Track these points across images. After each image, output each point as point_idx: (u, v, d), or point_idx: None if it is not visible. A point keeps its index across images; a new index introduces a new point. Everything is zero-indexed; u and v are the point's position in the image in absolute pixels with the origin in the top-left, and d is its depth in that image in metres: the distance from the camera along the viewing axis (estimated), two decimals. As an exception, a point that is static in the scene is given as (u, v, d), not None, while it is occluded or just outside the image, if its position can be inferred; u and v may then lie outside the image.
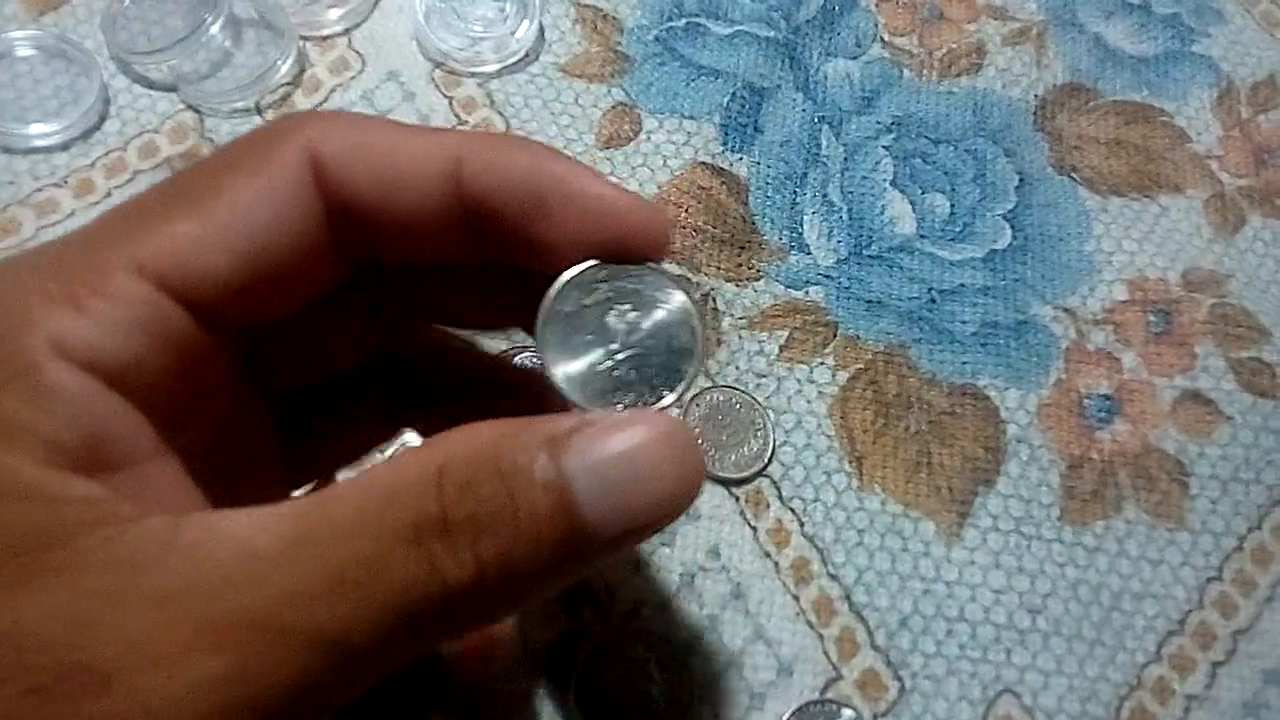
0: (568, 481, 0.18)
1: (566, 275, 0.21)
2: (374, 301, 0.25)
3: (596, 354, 0.21)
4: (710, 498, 0.36)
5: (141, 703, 0.15)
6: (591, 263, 0.21)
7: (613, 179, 0.39)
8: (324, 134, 0.21)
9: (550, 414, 0.19)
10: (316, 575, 0.17)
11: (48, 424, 0.17)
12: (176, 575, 0.16)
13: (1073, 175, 0.42)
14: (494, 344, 0.36)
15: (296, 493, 0.27)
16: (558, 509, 0.18)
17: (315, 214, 0.21)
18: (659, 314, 0.21)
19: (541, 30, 0.43)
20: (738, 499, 0.36)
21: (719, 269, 0.39)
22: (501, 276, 0.24)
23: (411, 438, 0.31)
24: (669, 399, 0.21)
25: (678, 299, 0.22)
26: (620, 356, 0.21)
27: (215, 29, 0.41)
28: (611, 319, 0.21)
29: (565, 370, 0.21)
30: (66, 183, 0.39)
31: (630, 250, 0.22)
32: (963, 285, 0.39)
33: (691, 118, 0.42)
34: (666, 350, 0.21)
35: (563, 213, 0.21)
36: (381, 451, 0.31)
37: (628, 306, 0.21)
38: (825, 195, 0.41)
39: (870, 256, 0.40)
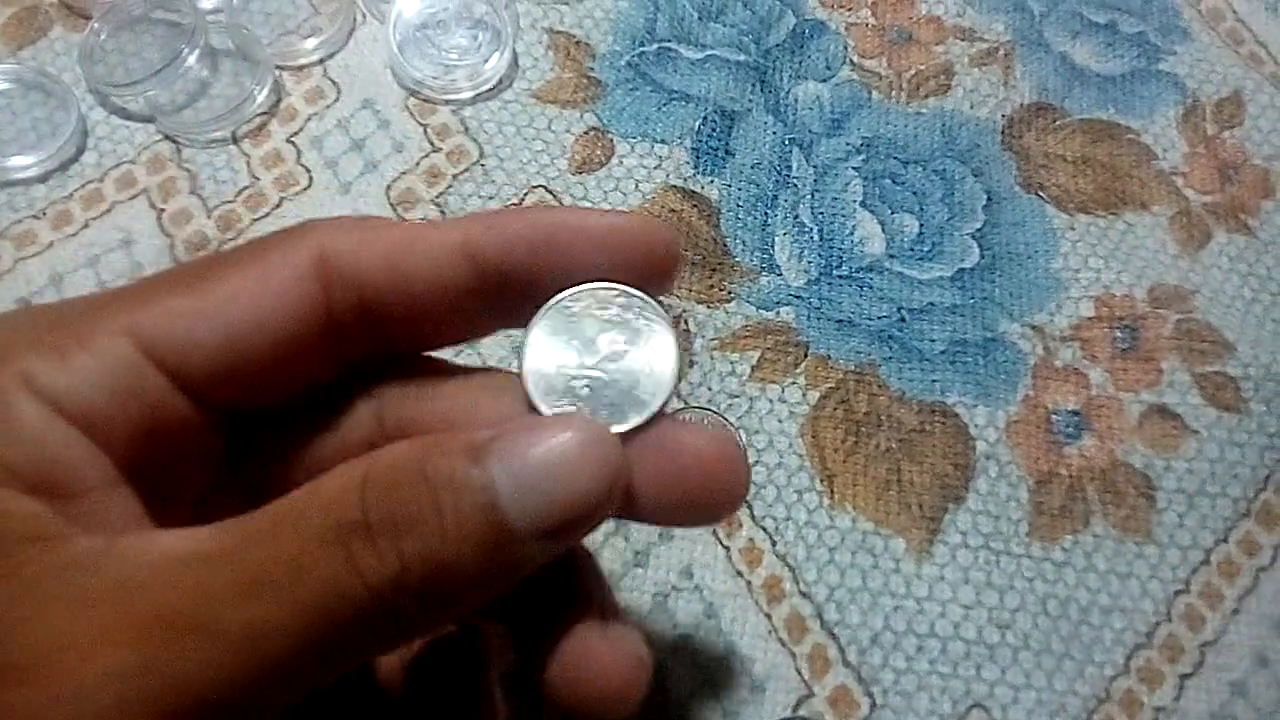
0: (490, 481, 0.18)
1: (585, 286, 0.22)
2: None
3: (571, 361, 0.21)
4: (683, 518, 0.36)
5: (55, 692, 0.16)
6: (614, 286, 0.22)
7: (584, 203, 0.40)
8: (335, 234, 0.22)
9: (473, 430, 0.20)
10: (234, 575, 0.17)
11: (3, 447, 0.19)
12: (103, 580, 0.17)
13: (1040, 194, 0.43)
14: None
15: None
16: (481, 508, 0.18)
17: (313, 307, 0.21)
18: (642, 356, 0.22)
19: (515, 57, 0.44)
20: (710, 519, 0.36)
21: (690, 291, 0.40)
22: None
23: None
24: (618, 430, 0.21)
25: (669, 356, 0.22)
26: (591, 372, 0.21)
27: (192, 60, 0.42)
28: (602, 339, 0.22)
29: (535, 364, 0.21)
30: (44, 214, 0.39)
31: (646, 266, 0.22)
32: (932, 304, 0.40)
33: (663, 142, 0.43)
34: (631, 387, 0.21)
35: (574, 243, 0.22)
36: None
37: (622, 336, 0.22)
38: (796, 216, 0.41)
39: (840, 277, 0.40)
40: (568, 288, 0.22)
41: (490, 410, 0.22)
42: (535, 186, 0.41)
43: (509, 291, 0.22)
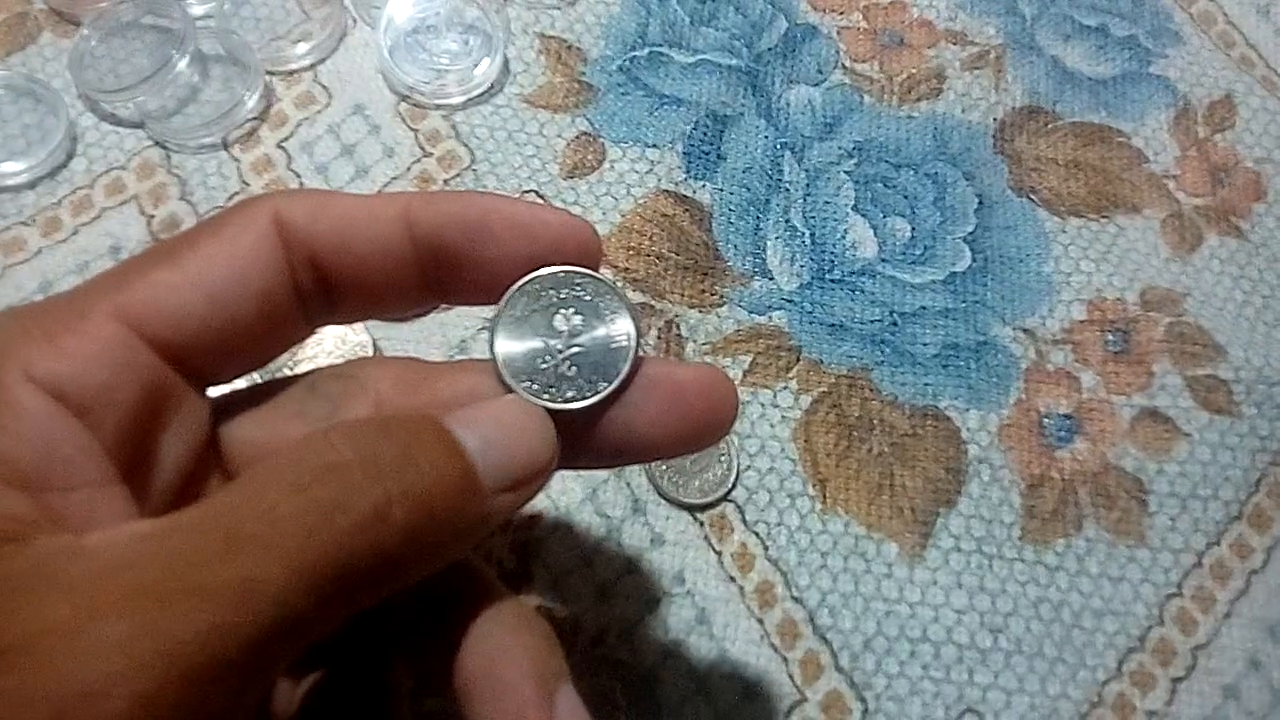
0: (456, 436, 0.21)
1: (522, 280, 0.24)
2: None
3: (538, 346, 0.23)
4: (675, 523, 0.36)
5: (50, 672, 0.16)
6: (545, 270, 0.24)
7: (575, 208, 0.40)
8: (288, 199, 0.23)
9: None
10: (212, 538, 0.18)
11: (2, 439, 0.19)
12: (80, 566, 0.17)
13: (1031, 197, 0.43)
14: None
15: None
16: (451, 455, 0.20)
17: (279, 266, 0.22)
18: (599, 323, 0.24)
19: (506, 62, 0.44)
20: (702, 524, 0.36)
21: (682, 296, 0.39)
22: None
23: None
24: (601, 395, 0.23)
25: (621, 314, 0.24)
26: (561, 354, 0.23)
27: (182, 65, 0.42)
28: (558, 320, 0.24)
29: (506, 352, 0.23)
30: (34, 221, 0.39)
31: (565, 255, 0.24)
32: (924, 308, 0.40)
33: (655, 146, 0.43)
34: (603, 352, 0.23)
35: (504, 232, 0.24)
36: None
37: (573, 311, 0.24)
38: (788, 221, 0.41)
39: (832, 281, 0.40)
40: (508, 273, 0.24)
41: (476, 396, 0.24)
42: (526, 191, 0.41)
43: (444, 266, 0.24)
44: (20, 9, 0.44)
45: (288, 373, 0.28)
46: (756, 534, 0.36)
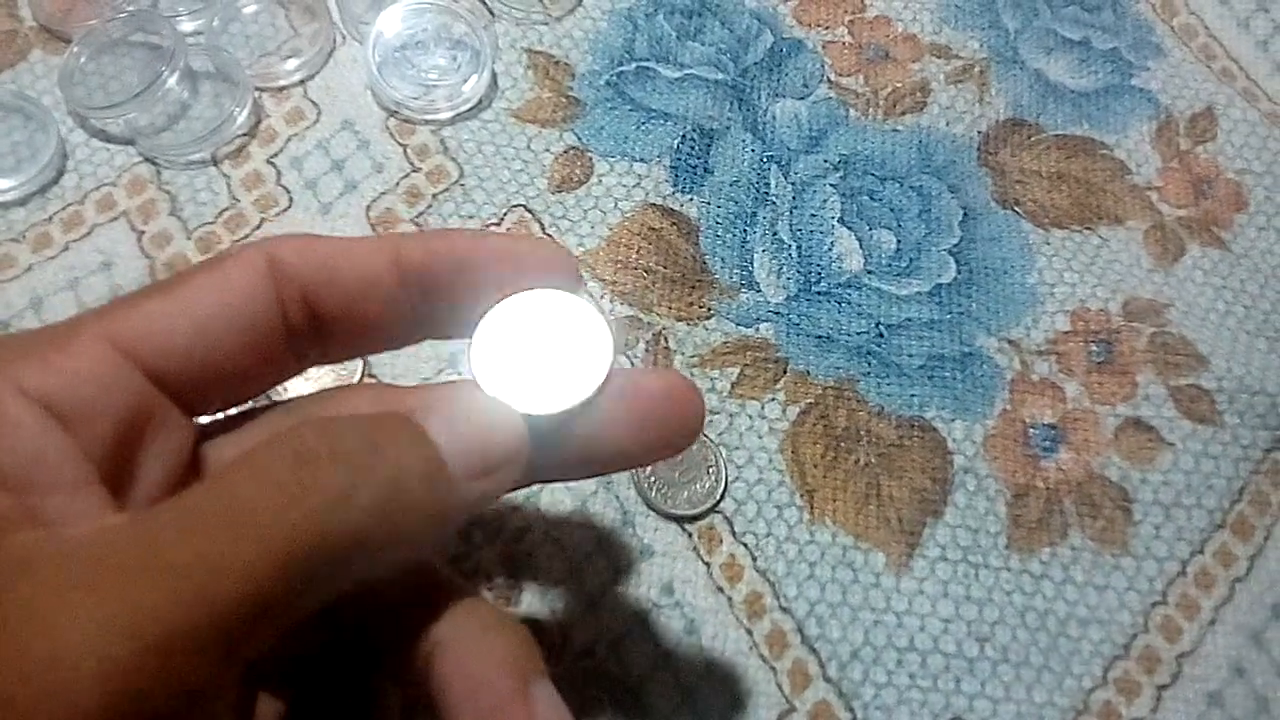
0: (423, 425, 0.21)
1: (502, 299, 0.24)
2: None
3: (514, 359, 0.24)
4: (663, 535, 0.36)
5: (22, 639, 0.16)
6: (525, 291, 0.24)
7: (564, 222, 0.40)
8: (281, 240, 0.24)
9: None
10: (179, 523, 0.18)
11: None
12: (53, 552, 0.18)
13: (1015, 209, 0.43)
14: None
15: None
16: (417, 441, 0.21)
17: (269, 300, 0.23)
18: (576, 339, 0.24)
19: (494, 77, 0.44)
20: (691, 535, 0.36)
21: (670, 309, 0.40)
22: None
23: None
24: (570, 405, 0.24)
25: (598, 332, 0.24)
26: (536, 368, 0.24)
27: (172, 82, 0.42)
28: (535, 335, 0.24)
29: (482, 365, 0.24)
30: (24, 238, 0.40)
31: (547, 282, 0.25)
32: (909, 319, 0.40)
33: (642, 160, 0.43)
34: (578, 368, 0.24)
35: (490, 263, 0.25)
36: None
37: (550, 327, 0.24)
38: (775, 233, 0.42)
39: (819, 293, 0.41)
40: (492, 299, 0.24)
41: None
42: (515, 206, 0.41)
43: (432, 297, 0.25)
44: (10, 26, 0.44)
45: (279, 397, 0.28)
46: (745, 545, 0.36)
